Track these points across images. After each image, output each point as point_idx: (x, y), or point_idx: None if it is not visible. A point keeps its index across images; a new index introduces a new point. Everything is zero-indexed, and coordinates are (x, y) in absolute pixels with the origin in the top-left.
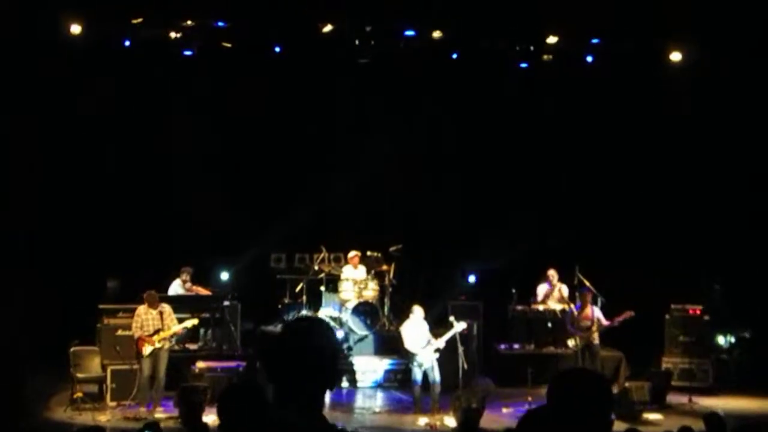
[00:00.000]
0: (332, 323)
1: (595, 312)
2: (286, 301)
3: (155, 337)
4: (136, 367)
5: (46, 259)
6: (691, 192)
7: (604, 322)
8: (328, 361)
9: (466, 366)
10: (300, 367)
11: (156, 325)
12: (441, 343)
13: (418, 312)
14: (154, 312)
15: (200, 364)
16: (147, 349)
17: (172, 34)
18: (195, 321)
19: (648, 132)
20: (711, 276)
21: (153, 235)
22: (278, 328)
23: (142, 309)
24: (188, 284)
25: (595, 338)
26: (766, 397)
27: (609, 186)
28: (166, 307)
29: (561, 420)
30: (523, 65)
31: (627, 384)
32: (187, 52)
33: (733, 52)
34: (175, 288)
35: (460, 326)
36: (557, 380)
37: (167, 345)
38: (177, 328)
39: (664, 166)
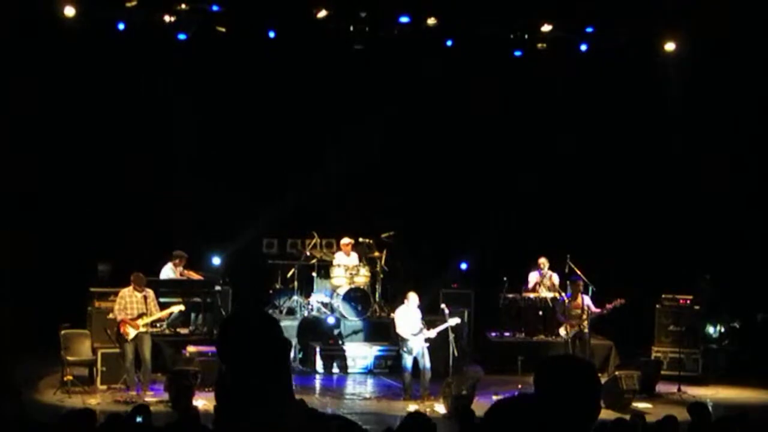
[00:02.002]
0: (323, 309)
1: (586, 300)
2: (278, 286)
3: (139, 321)
4: None
5: (38, 241)
6: (683, 181)
7: (594, 309)
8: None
9: (456, 353)
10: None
11: (140, 309)
12: (432, 333)
13: (413, 298)
14: (139, 295)
15: (191, 349)
16: (131, 333)
17: (167, 18)
18: (181, 307)
19: (641, 121)
20: (701, 266)
21: (145, 219)
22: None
23: (126, 291)
24: (180, 269)
25: (586, 327)
26: (755, 387)
27: (601, 175)
28: (150, 292)
29: (548, 407)
30: (517, 53)
31: (617, 372)
32: (182, 36)
33: (726, 42)
34: (167, 272)
35: (452, 321)
36: (544, 367)
37: (150, 329)
38: (160, 313)
39: (657, 155)
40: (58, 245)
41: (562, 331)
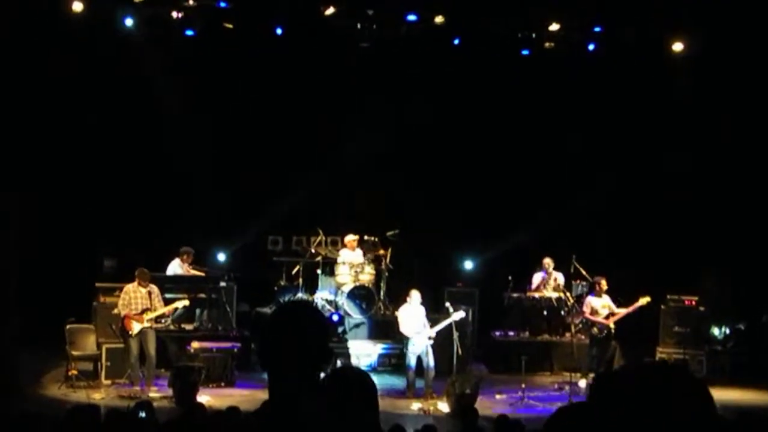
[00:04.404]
0: (328, 306)
1: (608, 299)
2: (283, 283)
3: (144, 317)
4: None
5: (44, 236)
6: (690, 182)
7: (617, 309)
8: (319, 340)
9: (460, 352)
10: (292, 348)
11: (144, 304)
12: (434, 331)
13: (416, 296)
14: (143, 291)
15: (195, 345)
16: (135, 328)
17: (174, 14)
18: (186, 302)
19: (648, 120)
20: (707, 267)
21: (151, 215)
22: (271, 310)
23: (130, 287)
24: (186, 265)
25: (613, 327)
26: (760, 389)
27: (607, 174)
28: (155, 288)
29: (653, 418)
30: (525, 52)
31: None
32: (189, 32)
33: (735, 42)
34: (174, 267)
35: (457, 315)
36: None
37: (154, 325)
38: (164, 309)
39: (664, 154)
40: (65, 240)
41: (594, 330)
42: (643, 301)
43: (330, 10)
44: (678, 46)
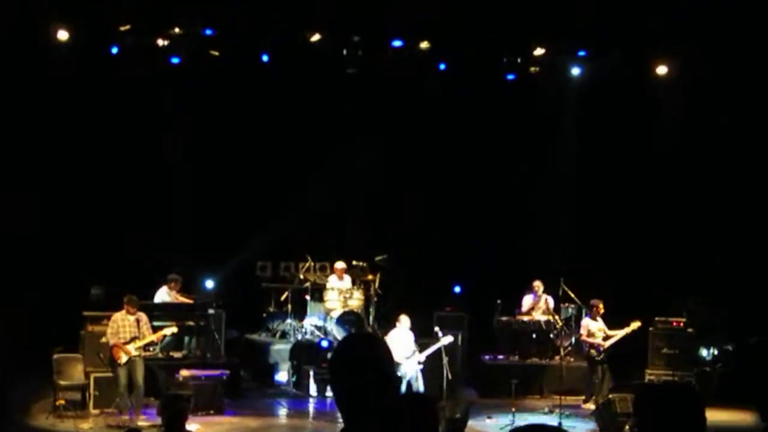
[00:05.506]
0: (317, 332)
1: (602, 323)
2: (271, 309)
3: (131, 345)
4: None
5: (31, 265)
6: (677, 203)
7: (610, 332)
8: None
9: (450, 376)
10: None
11: (132, 333)
12: (423, 356)
13: (404, 321)
14: (131, 318)
15: (184, 372)
16: (123, 358)
17: (160, 42)
18: (174, 329)
19: (633, 144)
20: (694, 289)
21: (138, 243)
22: (262, 337)
23: (118, 315)
24: (174, 293)
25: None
26: (749, 410)
27: (594, 197)
28: (143, 316)
29: None
30: (510, 77)
31: (610, 396)
32: (175, 60)
33: (719, 65)
34: (162, 295)
35: (446, 340)
36: (648, 394)
37: (143, 353)
38: (153, 336)
39: (651, 180)
40: (52, 269)
41: (593, 352)
42: (635, 325)
43: (316, 37)
44: (662, 70)
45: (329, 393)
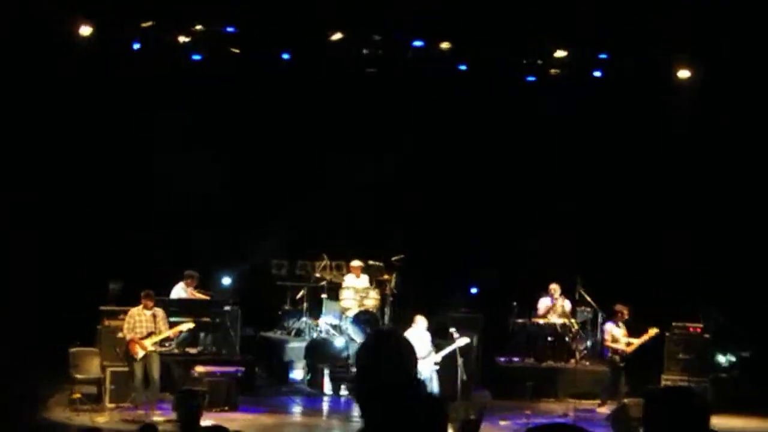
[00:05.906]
0: (332, 331)
1: (624, 328)
2: (287, 307)
3: (147, 341)
4: None
5: (49, 260)
6: (697, 209)
7: (631, 339)
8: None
9: (464, 377)
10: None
11: (149, 328)
12: (439, 357)
13: (421, 322)
14: (148, 314)
15: (199, 369)
16: (139, 353)
17: (182, 39)
18: (190, 325)
19: (653, 148)
20: (712, 295)
21: (156, 239)
22: (278, 334)
23: (135, 310)
24: (190, 289)
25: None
26: (764, 417)
27: (613, 201)
28: (159, 311)
29: None
30: (531, 79)
31: (625, 401)
32: (196, 57)
33: (740, 70)
34: (178, 291)
35: (462, 341)
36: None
37: (159, 348)
38: (169, 332)
39: (669, 185)
40: (69, 263)
41: (616, 358)
42: (653, 332)
43: (336, 36)
44: (684, 73)
45: (343, 391)
